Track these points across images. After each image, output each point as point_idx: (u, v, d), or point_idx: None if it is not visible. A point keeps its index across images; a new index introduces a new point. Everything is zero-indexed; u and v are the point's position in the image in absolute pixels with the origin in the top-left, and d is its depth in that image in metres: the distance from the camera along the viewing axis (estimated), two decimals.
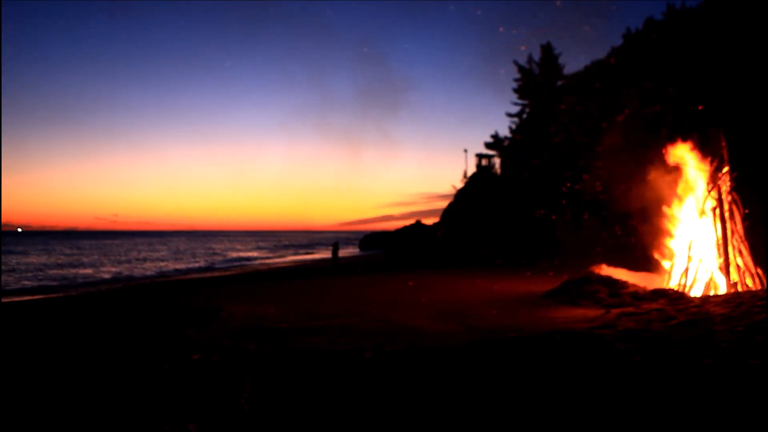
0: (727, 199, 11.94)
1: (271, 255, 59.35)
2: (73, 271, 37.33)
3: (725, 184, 12.01)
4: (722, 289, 11.60)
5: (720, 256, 11.76)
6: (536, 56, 35.50)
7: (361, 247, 63.31)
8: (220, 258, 53.58)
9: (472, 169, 41.06)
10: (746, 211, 12.08)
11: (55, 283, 28.08)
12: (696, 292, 11.71)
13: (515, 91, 36.45)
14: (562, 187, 24.65)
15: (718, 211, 11.88)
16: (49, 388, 5.72)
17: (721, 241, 11.74)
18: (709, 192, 12.02)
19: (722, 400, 4.74)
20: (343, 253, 40.28)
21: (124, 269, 39.16)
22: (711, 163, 12.23)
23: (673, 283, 12.29)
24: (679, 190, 12.92)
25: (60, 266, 41.88)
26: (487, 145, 38.93)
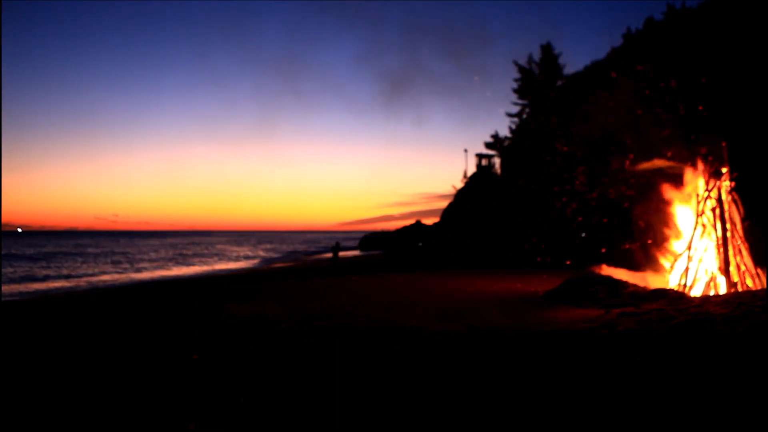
0: (727, 199, 11.95)
1: (274, 255, 59.31)
2: (78, 276, 37.32)
3: (725, 185, 12.02)
4: (722, 289, 11.61)
5: (720, 257, 11.77)
6: (536, 56, 35.54)
7: (361, 247, 63.28)
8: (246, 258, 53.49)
9: (472, 169, 41.15)
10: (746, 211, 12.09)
11: (57, 285, 28.08)
12: (696, 292, 11.72)
13: (515, 91, 36.47)
14: (562, 187, 24.65)
15: (718, 211, 11.88)
16: (49, 389, 5.72)
17: (721, 242, 11.75)
18: (709, 192, 12.03)
19: (723, 400, 4.75)
20: (342, 253, 40.27)
21: (130, 273, 39.16)
22: (711, 163, 12.24)
23: (673, 283, 12.30)
24: (680, 190, 12.94)
25: (60, 268, 41.87)
26: (487, 145, 38.96)
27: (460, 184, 41.00)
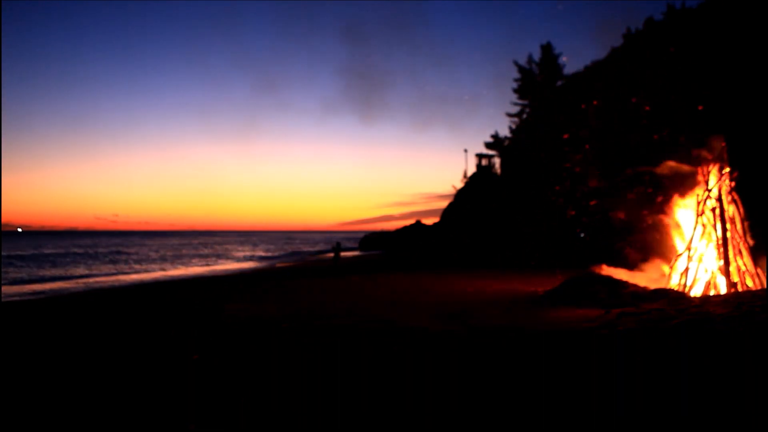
0: (727, 199, 11.95)
1: (274, 255, 59.27)
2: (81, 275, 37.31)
3: (725, 185, 12.02)
4: (722, 289, 11.61)
5: (720, 257, 11.77)
6: (536, 56, 35.56)
7: (361, 247, 63.27)
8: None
9: (472, 169, 41.19)
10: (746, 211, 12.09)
11: (57, 286, 28.07)
12: (696, 292, 11.72)
13: (515, 91, 36.50)
14: (560, 187, 24.65)
15: (718, 211, 11.89)
16: (49, 389, 5.73)
17: (721, 242, 11.75)
18: (709, 192, 12.03)
19: (723, 400, 4.75)
20: (343, 253, 40.26)
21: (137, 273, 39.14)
22: (711, 163, 12.24)
23: (673, 283, 12.30)
24: (680, 190, 12.94)
25: (60, 269, 41.88)
26: (487, 145, 39.00)
27: (460, 184, 41.07)
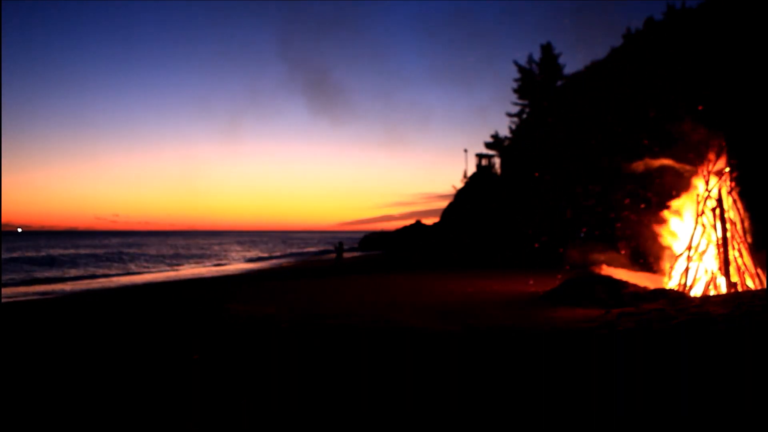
0: (727, 199, 11.97)
1: (275, 255, 59.27)
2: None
3: (725, 184, 12.04)
4: (722, 289, 11.63)
5: (720, 257, 11.79)
6: (536, 56, 35.59)
7: (361, 247, 63.28)
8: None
9: (472, 169, 41.25)
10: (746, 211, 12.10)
11: (57, 287, 28.09)
12: (696, 292, 11.74)
13: (515, 91, 36.54)
14: (561, 186, 24.67)
15: (718, 211, 11.90)
16: (49, 389, 5.74)
17: (721, 242, 11.77)
18: (709, 192, 12.05)
19: (723, 400, 4.76)
20: (344, 253, 40.29)
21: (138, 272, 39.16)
22: (711, 163, 12.25)
23: (673, 283, 12.32)
24: (680, 190, 12.95)
25: (60, 269, 41.90)
26: (487, 145, 39.04)
27: (460, 184, 41.13)
